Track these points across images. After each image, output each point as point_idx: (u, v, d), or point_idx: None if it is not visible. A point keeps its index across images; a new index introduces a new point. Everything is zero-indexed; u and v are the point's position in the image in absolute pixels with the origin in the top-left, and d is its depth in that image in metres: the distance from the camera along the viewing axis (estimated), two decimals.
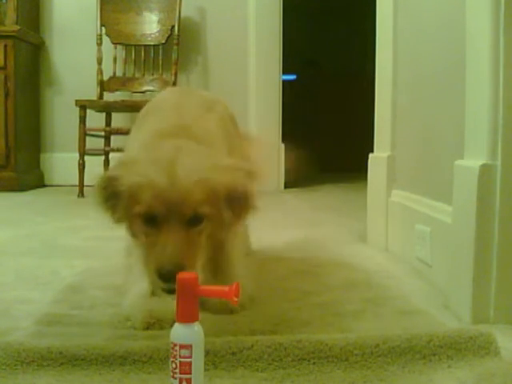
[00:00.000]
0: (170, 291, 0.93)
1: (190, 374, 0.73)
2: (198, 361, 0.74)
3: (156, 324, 1.08)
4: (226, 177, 1.01)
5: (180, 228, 0.96)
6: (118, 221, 1.05)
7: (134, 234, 1.05)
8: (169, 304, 1.08)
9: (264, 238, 1.42)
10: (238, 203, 1.03)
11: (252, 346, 0.92)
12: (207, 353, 0.86)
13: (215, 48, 3.91)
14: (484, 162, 1.12)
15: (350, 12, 6.07)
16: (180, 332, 0.74)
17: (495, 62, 1.10)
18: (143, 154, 1.04)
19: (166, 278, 0.92)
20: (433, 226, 1.43)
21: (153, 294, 1.14)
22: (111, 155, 3.52)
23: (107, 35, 3.64)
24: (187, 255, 0.96)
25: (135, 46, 3.70)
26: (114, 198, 1.02)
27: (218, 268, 1.24)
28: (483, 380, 0.86)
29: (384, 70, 1.93)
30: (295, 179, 4.05)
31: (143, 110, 1.32)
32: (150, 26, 3.68)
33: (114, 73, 3.65)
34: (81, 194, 3.25)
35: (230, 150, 1.23)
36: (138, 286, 1.16)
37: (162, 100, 1.35)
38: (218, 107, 1.31)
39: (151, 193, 0.96)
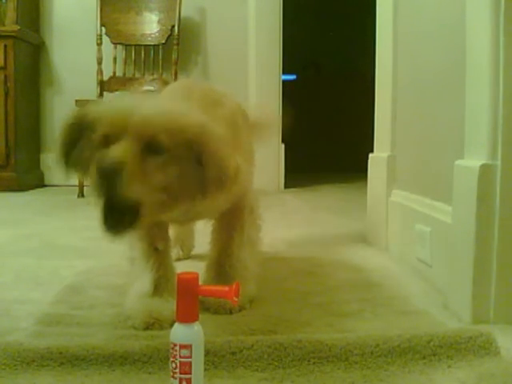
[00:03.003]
0: (111, 207, 0.89)
1: (190, 374, 0.73)
2: (197, 361, 0.74)
3: (156, 324, 1.08)
4: (194, 125, 0.94)
5: (133, 147, 0.90)
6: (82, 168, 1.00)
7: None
8: (169, 304, 1.08)
9: (264, 238, 1.41)
10: (206, 162, 0.94)
11: (252, 345, 0.92)
12: (207, 353, 0.86)
13: (215, 48, 3.91)
14: (484, 162, 1.12)
15: (350, 12, 6.06)
16: (180, 332, 0.74)
17: (495, 61, 1.10)
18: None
19: (103, 175, 0.86)
20: (433, 226, 1.43)
21: (154, 293, 1.14)
22: None
23: (107, 35, 3.64)
24: (133, 173, 0.88)
25: (135, 45, 3.70)
26: (82, 135, 0.98)
27: (220, 268, 1.24)
28: (483, 380, 0.86)
29: (384, 70, 1.93)
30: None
31: None
32: (150, 25, 3.67)
33: (114, 73, 3.65)
34: (81, 194, 3.25)
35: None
36: (140, 283, 1.16)
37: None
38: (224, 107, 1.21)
39: (113, 114, 0.94)
